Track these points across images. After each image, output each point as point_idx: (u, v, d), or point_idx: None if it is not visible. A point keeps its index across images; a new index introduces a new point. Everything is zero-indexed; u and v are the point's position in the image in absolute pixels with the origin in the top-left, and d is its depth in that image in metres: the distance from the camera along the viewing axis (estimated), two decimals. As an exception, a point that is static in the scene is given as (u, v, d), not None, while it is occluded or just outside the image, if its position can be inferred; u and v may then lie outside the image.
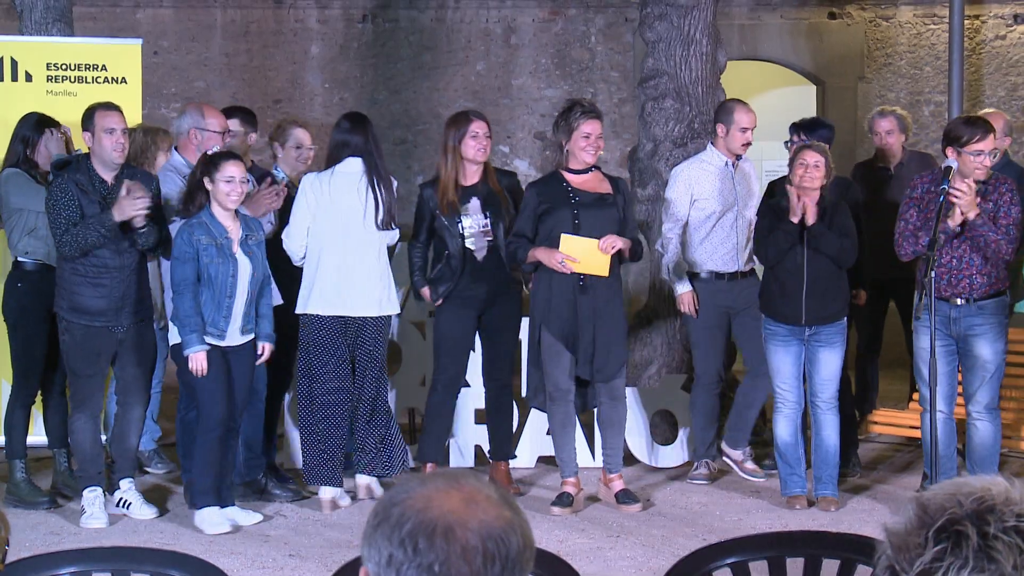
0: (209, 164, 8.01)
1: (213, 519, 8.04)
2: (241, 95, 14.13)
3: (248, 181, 8.22)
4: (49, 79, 9.95)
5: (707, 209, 9.07)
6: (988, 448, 8.21)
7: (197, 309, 7.94)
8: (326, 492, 8.55)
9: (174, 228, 8.25)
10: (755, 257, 9.00)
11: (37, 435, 9.73)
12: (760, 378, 9.00)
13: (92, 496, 8.22)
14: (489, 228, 8.86)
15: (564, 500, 8.52)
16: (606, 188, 8.55)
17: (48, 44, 10.34)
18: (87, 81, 9.96)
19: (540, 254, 8.37)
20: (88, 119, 8.18)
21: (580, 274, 8.36)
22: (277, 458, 9.44)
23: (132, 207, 7.89)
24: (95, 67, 10.03)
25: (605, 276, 8.34)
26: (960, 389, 8.49)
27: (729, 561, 4.35)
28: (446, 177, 8.82)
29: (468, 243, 8.86)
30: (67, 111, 9.62)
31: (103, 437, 8.79)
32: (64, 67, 10.01)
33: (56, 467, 8.85)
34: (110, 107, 8.28)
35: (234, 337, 8.15)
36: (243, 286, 8.09)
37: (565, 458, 8.66)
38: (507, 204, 8.87)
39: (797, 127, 9.27)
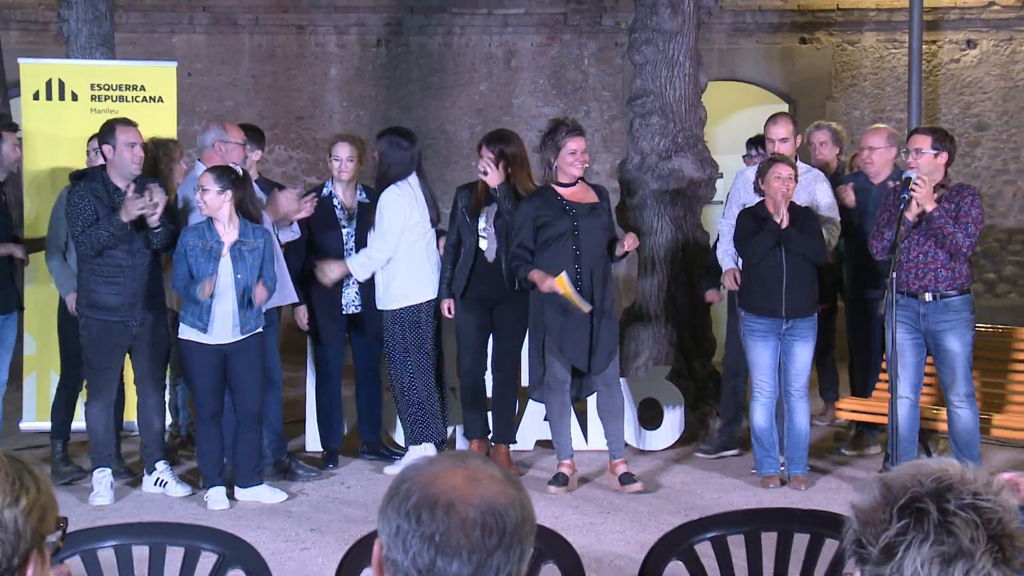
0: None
1: (216, 497, 8.11)
2: (266, 113, 14.12)
3: (223, 191, 8.01)
4: (93, 98, 9.94)
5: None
6: (970, 432, 8.21)
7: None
8: (430, 449, 8.74)
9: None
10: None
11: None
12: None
13: (101, 476, 8.27)
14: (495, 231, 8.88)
15: (560, 480, 8.51)
16: (593, 197, 8.54)
17: (92, 67, 10.33)
18: (127, 100, 9.95)
19: (536, 276, 8.34)
20: (109, 133, 8.18)
21: (580, 275, 8.36)
22: (302, 442, 9.50)
23: (136, 207, 7.89)
24: (134, 87, 10.02)
25: (583, 311, 8.29)
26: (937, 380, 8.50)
27: (709, 535, 4.32)
28: (479, 184, 8.99)
29: (481, 244, 8.91)
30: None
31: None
32: (106, 87, 9.99)
33: (53, 455, 8.77)
34: (129, 123, 8.32)
35: (224, 335, 8.07)
36: (224, 288, 8.01)
37: (562, 442, 8.65)
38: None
39: (753, 142, 9.31)
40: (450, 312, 9.01)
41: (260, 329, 8.26)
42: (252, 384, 8.24)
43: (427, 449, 8.70)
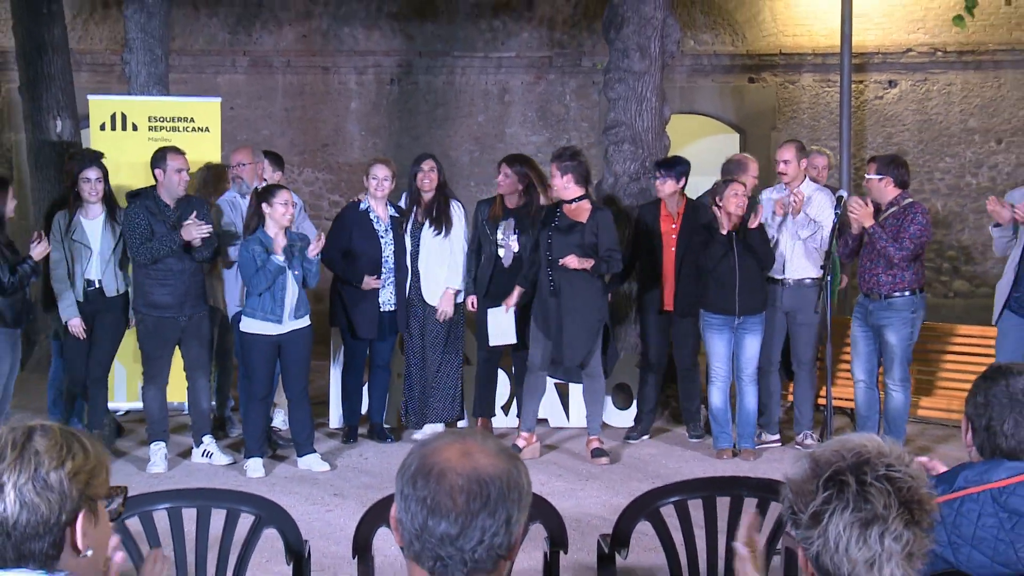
0: (265, 193, 8.10)
1: (254, 466, 8.16)
2: (296, 141, 14.11)
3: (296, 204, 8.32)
4: (150, 129, 9.93)
5: None
6: (900, 412, 8.29)
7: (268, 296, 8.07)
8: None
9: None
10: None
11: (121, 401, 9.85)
12: (772, 374, 8.94)
13: (156, 448, 8.35)
14: (515, 240, 8.89)
15: (513, 449, 8.45)
16: (583, 217, 8.40)
17: (149, 102, 10.31)
18: (179, 130, 9.94)
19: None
20: (161, 160, 8.28)
21: (552, 280, 8.34)
22: (326, 419, 9.48)
23: (198, 233, 8.09)
24: (185, 119, 10.02)
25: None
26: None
27: (672, 500, 4.35)
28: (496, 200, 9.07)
29: (499, 251, 8.93)
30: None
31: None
32: (161, 119, 9.99)
33: None
34: (178, 151, 8.43)
35: (288, 323, 8.11)
36: (291, 283, 8.07)
37: (526, 416, 8.65)
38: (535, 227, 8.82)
39: (658, 164, 9.14)
40: (473, 306, 9.03)
41: (306, 321, 8.27)
42: (301, 367, 8.31)
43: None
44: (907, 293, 8.15)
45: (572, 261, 8.20)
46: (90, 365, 8.51)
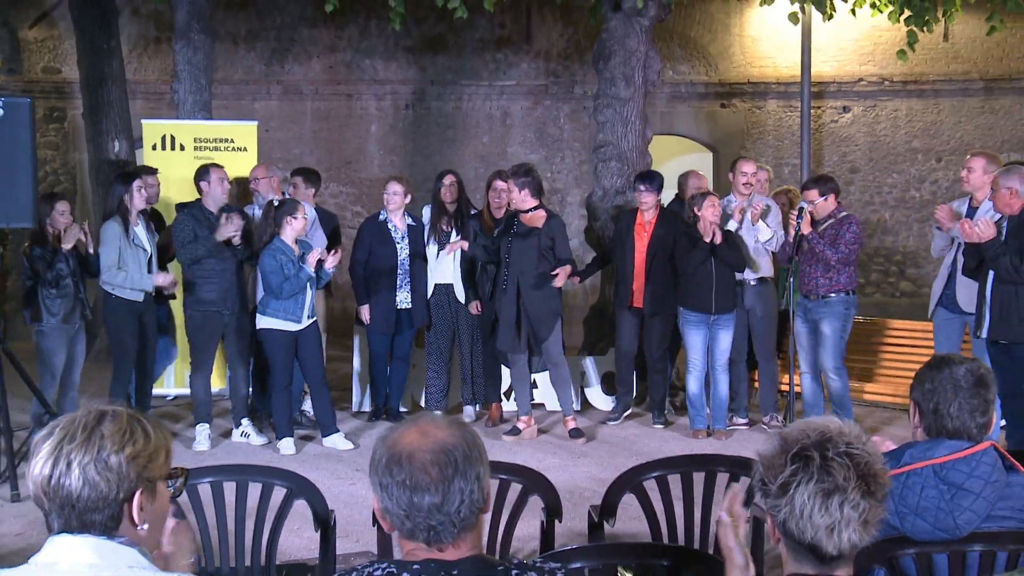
0: (284, 206, 8.11)
1: (286, 445, 8.16)
2: (323, 159, 14.10)
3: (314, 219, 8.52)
4: (195, 148, 9.99)
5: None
6: (840, 395, 8.26)
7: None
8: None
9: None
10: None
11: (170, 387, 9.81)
12: (741, 364, 8.89)
13: (201, 429, 8.31)
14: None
15: (514, 431, 8.54)
16: (539, 223, 8.35)
17: (195, 125, 10.34)
18: (220, 150, 9.97)
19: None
20: (204, 173, 8.36)
21: (507, 279, 8.36)
22: (351, 403, 9.45)
23: (227, 232, 8.09)
24: (226, 140, 10.05)
25: None
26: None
27: (654, 475, 4.33)
28: (485, 212, 8.98)
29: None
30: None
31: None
32: (205, 140, 10.02)
33: None
34: (219, 166, 8.51)
35: (304, 322, 8.10)
36: (310, 289, 8.08)
37: (520, 402, 8.62)
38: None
39: (640, 177, 9.03)
40: (477, 310, 8.93)
41: (314, 318, 8.26)
42: (316, 357, 8.27)
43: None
44: (841, 293, 8.16)
45: (561, 278, 8.27)
46: (147, 360, 8.44)
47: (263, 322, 8.07)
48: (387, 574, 2.20)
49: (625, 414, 9.15)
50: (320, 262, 8.02)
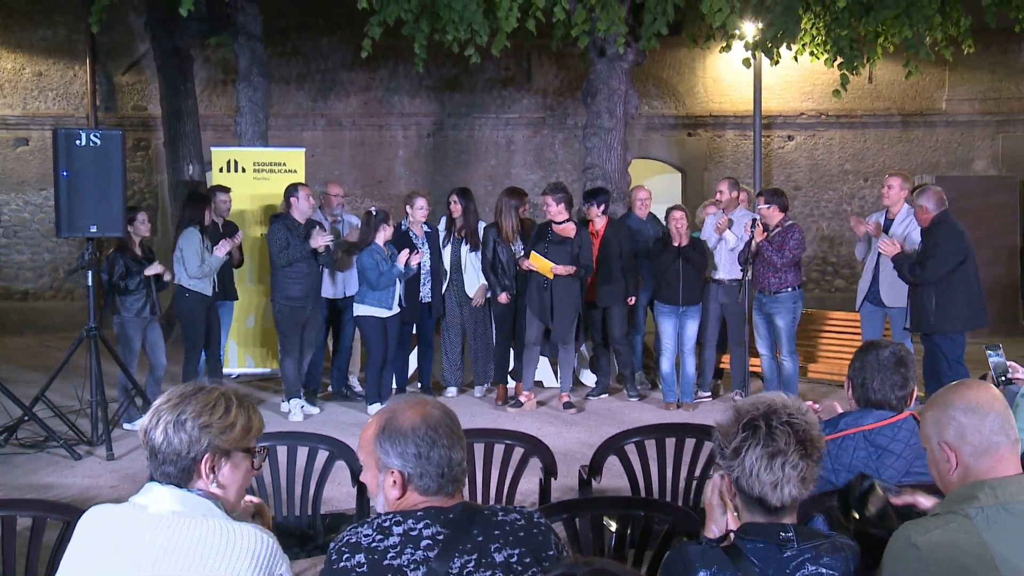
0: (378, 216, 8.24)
1: (373, 408, 8.08)
2: (359, 179, 14.10)
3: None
4: (255, 171, 9.92)
5: None
6: (791, 376, 8.23)
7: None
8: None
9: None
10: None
11: (233, 367, 9.75)
12: (709, 348, 8.80)
13: (295, 403, 8.19)
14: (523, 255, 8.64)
15: (516, 403, 8.47)
16: (571, 234, 8.27)
17: (254, 151, 10.30)
18: (275, 172, 9.92)
19: (522, 262, 8.28)
20: (294, 191, 8.25)
21: (546, 277, 8.19)
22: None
23: (320, 242, 8.04)
24: (279, 164, 9.99)
25: (549, 277, 8.14)
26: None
27: (634, 440, 4.31)
28: (504, 223, 8.70)
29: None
30: (265, 188, 9.73)
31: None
32: (262, 164, 9.97)
33: None
34: (306, 185, 8.41)
35: (394, 309, 8.19)
36: (398, 283, 8.21)
37: (525, 380, 8.51)
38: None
39: (586, 195, 8.88)
40: (507, 300, 8.73)
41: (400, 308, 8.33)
42: (395, 341, 8.33)
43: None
44: (789, 289, 8.11)
45: (561, 269, 8.13)
46: (214, 345, 8.39)
47: (360, 310, 8.11)
48: (394, 522, 2.19)
49: (603, 394, 9.03)
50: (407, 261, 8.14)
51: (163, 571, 2.11)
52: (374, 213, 8.24)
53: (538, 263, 8.10)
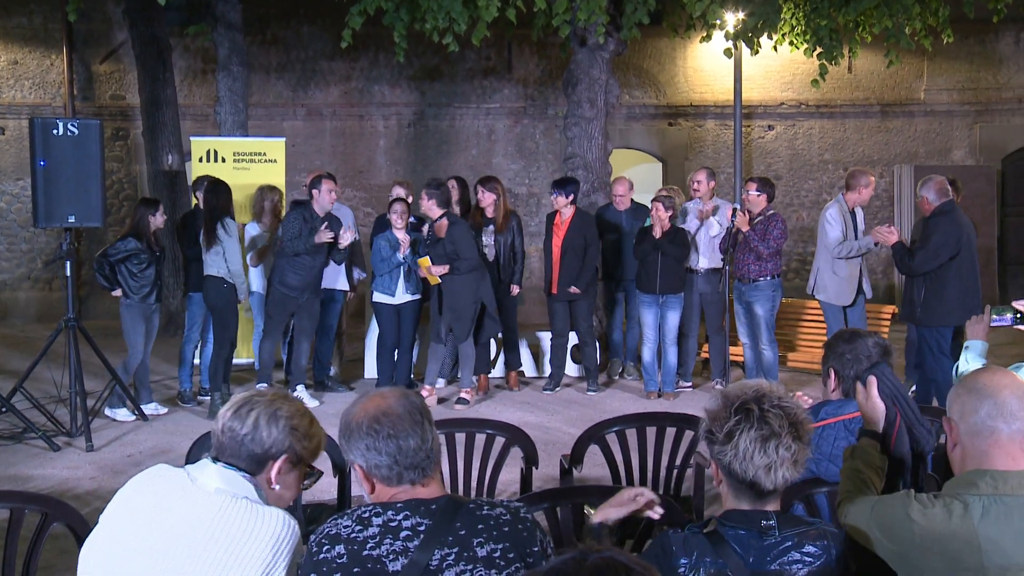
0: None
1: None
2: (340, 169, 14.00)
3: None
4: (235, 161, 9.86)
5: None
6: (772, 364, 8.24)
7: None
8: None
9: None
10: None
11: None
12: (691, 338, 8.78)
13: (300, 391, 8.20)
14: (492, 240, 8.65)
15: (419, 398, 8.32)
16: (443, 234, 7.99)
17: (234, 141, 10.22)
18: (255, 162, 9.86)
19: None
20: (318, 183, 8.18)
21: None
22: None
23: (325, 238, 8.01)
24: (259, 154, 9.93)
25: (432, 280, 8.04)
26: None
27: (614, 429, 4.31)
28: (474, 212, 8.76)
29: (485, 249, 8.61)
30: (245, 179, 9.63)
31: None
32: (242, 154, 9.91)
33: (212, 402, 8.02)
34: (331, 177, 8.34)
35: (401, 296, 8.28)
36: (400, 271, 8.27)
37: (429, 374, 8.24)
38: (506, 231, 8.65)
39: (554, 184, 8.80)
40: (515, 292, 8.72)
41: (416, 296, 8.38)
42: (410, 326, 8.39)
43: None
44: (768, 278, 8.13)
45: (436, 269, 7.93)
46: (228, 338, 8.07)
47: (374, 297, 8.35)
48: (374, 513, 2.18)
49: (558, 387, 8.85)
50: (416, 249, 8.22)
51: (187, 543, 2.16)
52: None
53: (424, 265, 8.04)
